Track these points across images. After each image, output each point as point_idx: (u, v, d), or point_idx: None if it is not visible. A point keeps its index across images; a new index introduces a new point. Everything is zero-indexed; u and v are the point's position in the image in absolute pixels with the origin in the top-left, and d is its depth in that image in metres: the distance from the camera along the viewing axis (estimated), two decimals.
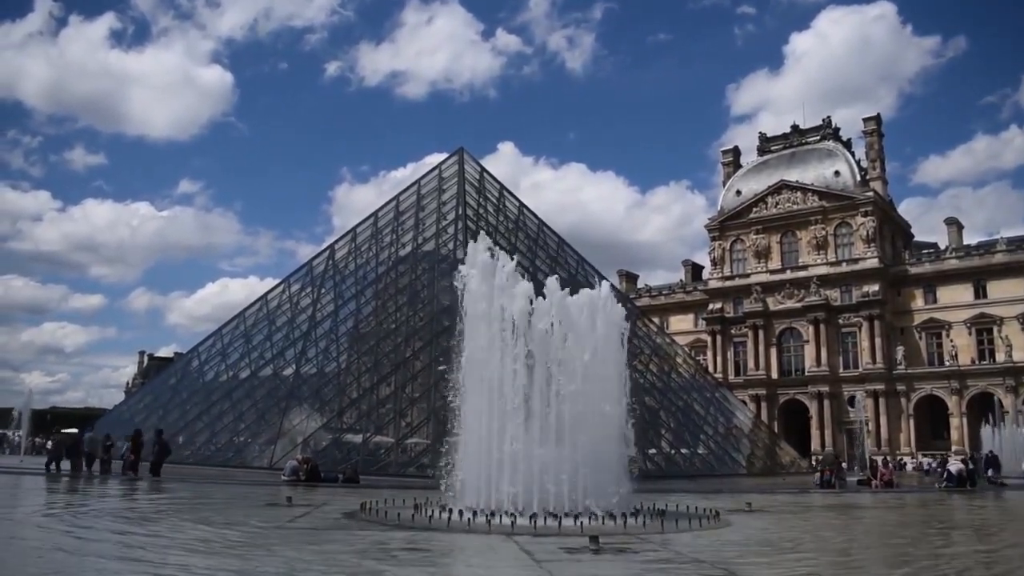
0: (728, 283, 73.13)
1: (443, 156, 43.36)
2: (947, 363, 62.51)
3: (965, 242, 68.97)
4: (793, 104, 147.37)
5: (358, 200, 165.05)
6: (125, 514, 12.55)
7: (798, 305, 67.74)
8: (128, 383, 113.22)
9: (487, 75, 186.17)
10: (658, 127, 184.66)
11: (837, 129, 76.68)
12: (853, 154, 73.53)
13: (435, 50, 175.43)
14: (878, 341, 64.38)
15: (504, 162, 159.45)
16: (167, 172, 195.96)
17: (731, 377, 69.15)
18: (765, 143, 79.32)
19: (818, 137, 75.87)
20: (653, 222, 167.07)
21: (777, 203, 72.02)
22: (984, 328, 62.82)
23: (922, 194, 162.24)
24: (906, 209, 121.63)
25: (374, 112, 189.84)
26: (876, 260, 66.17)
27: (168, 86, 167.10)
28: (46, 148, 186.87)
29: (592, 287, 16.15)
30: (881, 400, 63.21)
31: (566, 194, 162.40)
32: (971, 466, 30.55)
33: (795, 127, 77.91)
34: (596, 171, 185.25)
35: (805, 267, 69.01)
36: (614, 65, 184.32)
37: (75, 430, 40.01)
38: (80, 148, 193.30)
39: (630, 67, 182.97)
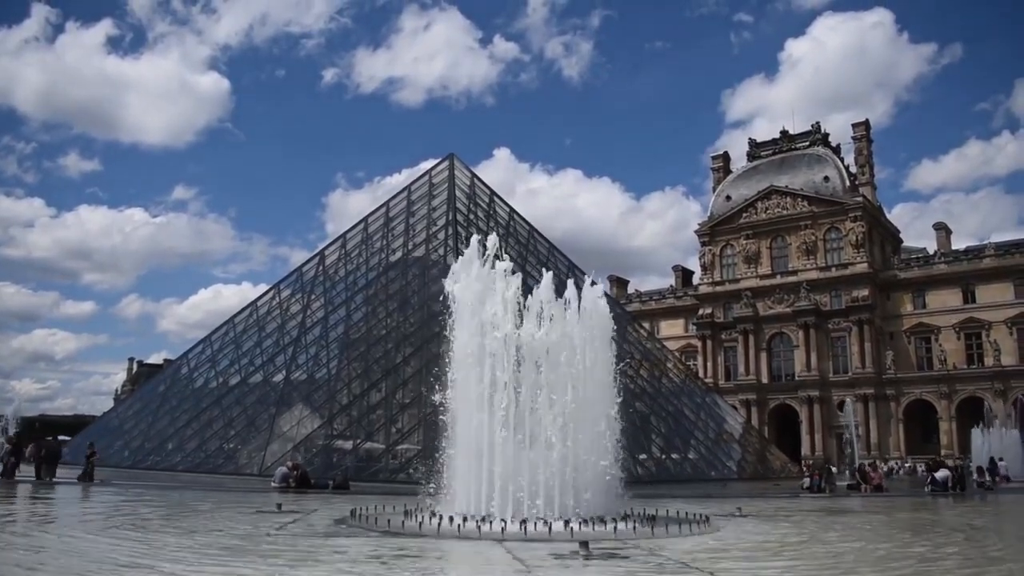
0: (718, 288, 73.29)
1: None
2: (936, 368, 62.80)
3: (957, 247, 69.30)
4: (788, 110, 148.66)
5: (352, 206, 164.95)
6: (113, 522, 12.46)
7: (788, 310, 67.95)
8: (117, 390, 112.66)
9: (484, 82, 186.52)
10: (654, 133, 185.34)
11: (826, 135, 77.07)
12: (843, 160, 73.94)
13: (432, 56, 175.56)
14: (867, 346, 64.62)
15: (499, 167, 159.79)
16: (162, 178, 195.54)
17: (721, 382, 69.29)
18: (755, 149, 79.61)
19: (808, 143, 76.23)
20: (648, 228, 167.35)
21: (767, 208, 72.29)
22: (973, 333, 63.16)
23: (915, 199, 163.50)
24: (899, 214, 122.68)
25: (370, 118, 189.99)
26: (865, 265, 66.48)
27: (164, 92, 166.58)
28: (40, 154, 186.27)
29: None
30: (871, 405, 63.43)
31: (561, 200, 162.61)
32: (959, 471, 30.71)
33: (784, 133, 78.23)
34: (591, 177, 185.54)
35: (795, 272, 69.21)
36: (611, 72, 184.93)
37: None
38: (74, 154, 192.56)
39: (627, 74, 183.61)
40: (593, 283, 15.09)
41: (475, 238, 15.05)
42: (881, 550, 10.85)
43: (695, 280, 79.24)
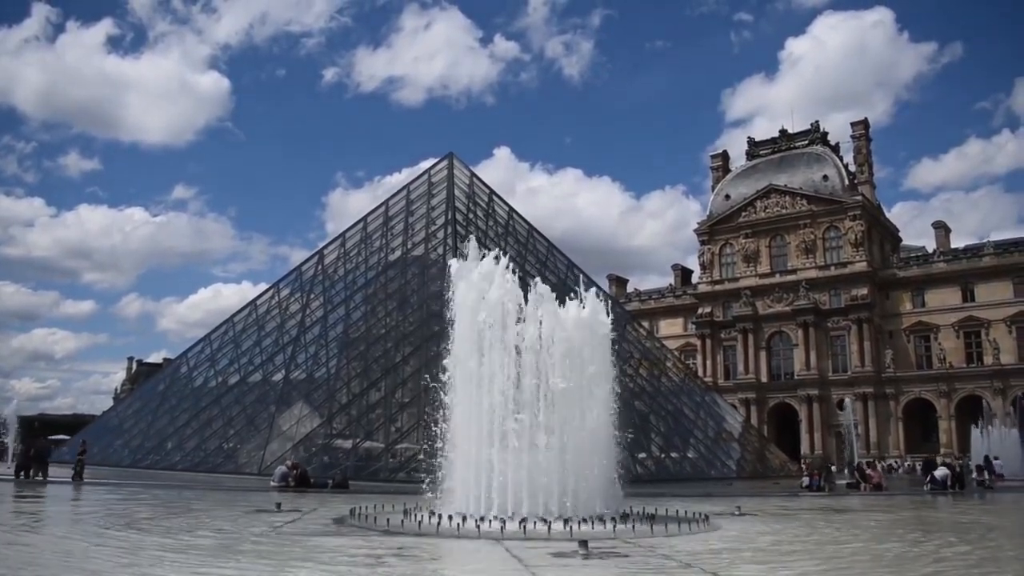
0: (717, 287, 73.28)
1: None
2: (935, 366, 62.79)
3: (957, 245, 69.22)
4: (788, 109, 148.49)
5: (352, 206, 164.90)
6: (112, 519, 12.43)
7: (787, 309, 67.91)
8: (117, 389, 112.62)
9: (484, 81, 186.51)
10: (654, 132, 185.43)
11: (825, 134, 77.04)
12: (842, 159, 73.89)
13: (433, 56, 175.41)
14: (867, 344, 64.60)
15: (500, 167, 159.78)
16: (162, 178, 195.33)
17: (721, 381, 69.26)
18: (754, 148, 79.57)
19: (806, 142, 76.16)
20: (648, 227, 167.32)
21: (766, 207, 72.25)
22: (972, 331, 63.12)
23: (914, 198, 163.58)
24: (898, 213, 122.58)
25: (370, 118, 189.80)
26: (864, 264, 66.45)
27: (164, 92, 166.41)
28: (40, 154, 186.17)
29: None
30: (870, 403, 63.41)
31: (561, 199, 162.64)
32: (958, 469, 30.77)
33: (783, 131, 78.17)
34: (591, 176, 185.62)
35: (794, 271, 69.18)
36: (611, 72, 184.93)
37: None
38: (74, 154, 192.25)
39: (627, 73, 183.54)
40: (593, 283, 15.08)
41: (474, 242, 15.02)
42: (883, 548, 10.81)
43: (694, 279, 79.17)
